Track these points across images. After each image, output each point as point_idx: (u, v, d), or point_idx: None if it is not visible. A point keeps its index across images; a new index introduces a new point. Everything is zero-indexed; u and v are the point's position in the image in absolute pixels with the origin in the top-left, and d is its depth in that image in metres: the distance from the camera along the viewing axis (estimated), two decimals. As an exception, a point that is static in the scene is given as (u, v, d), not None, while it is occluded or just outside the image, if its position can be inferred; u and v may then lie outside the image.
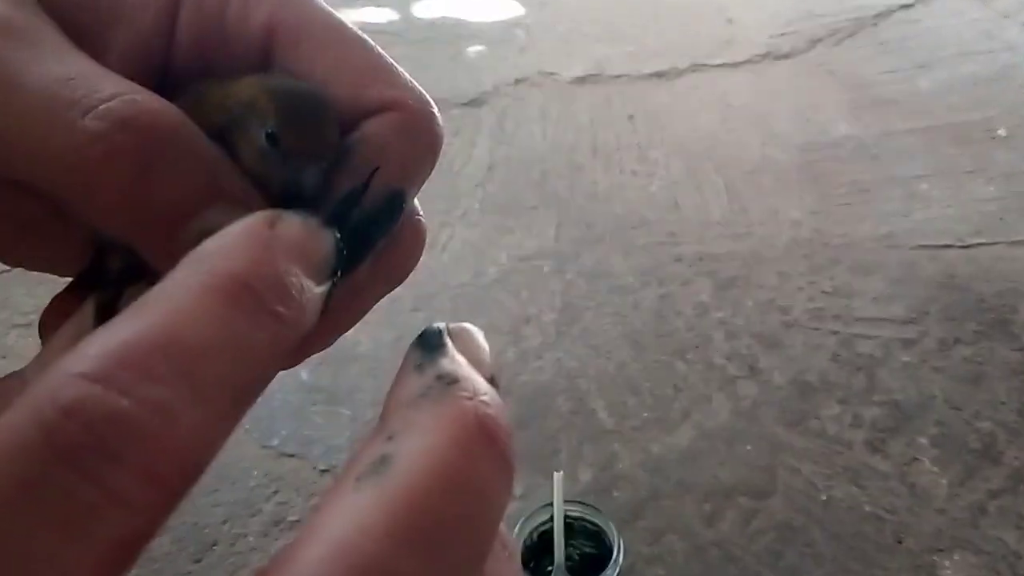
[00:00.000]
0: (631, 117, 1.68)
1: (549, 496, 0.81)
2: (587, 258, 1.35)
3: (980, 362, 1.13)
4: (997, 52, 1.80)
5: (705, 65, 1.84)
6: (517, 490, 1.01)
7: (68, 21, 0.20)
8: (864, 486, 0.99)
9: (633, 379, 1.14)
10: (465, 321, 0.19)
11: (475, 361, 0.17)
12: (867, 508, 0.97)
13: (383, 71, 0.22)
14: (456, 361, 0.17)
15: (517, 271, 1.33)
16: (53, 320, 0.22)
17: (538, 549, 0.83)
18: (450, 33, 2.04)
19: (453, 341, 0.18)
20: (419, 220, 0.23)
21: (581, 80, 1.82)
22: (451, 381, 0.16)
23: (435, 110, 0.22)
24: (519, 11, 2.13)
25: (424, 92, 0.22)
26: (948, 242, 1.33)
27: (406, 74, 0.22)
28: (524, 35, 2.01)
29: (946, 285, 1.25)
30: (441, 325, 0.18)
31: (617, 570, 0.79)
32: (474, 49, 1.97)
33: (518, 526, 0.82)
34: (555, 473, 0.80)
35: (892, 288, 1.25)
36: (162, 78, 0.22)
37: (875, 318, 1.21)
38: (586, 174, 1.54)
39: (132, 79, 0.19)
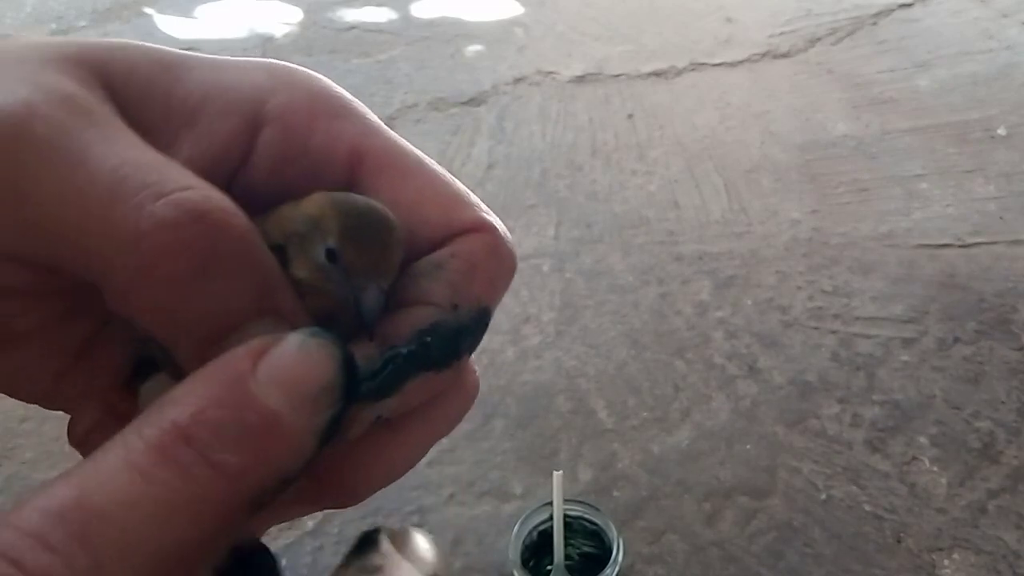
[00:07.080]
0: (630, 116, 1.68)
1: (549, 495, 0.81)
2: (586, 257, 1.35)
3: (980, 362, 1.13)
4: (996, 51, 1.80)
5: (704, 64, 1.84)
6: (517, 489, 1.01)
7: (134, 117, 0.19)
8: (864, 486, 0.99)
9: (633, 378, 1.14)
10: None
11: (417, 559, 0.16)
12: (867, 508, 0.97)
13: (468, 197, 0.22)
14: (387, 555, 0.16)
15: (516, 270, 1.32)
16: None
17: (538, 548, 0.83)
18: (449, 32, 2.04)
19: (394, 542, 0.16)
20: (474, 374, 0.23)
21: (580, 79, 1.82)
22: (374, 570, 0.15)
23: (511, 237, 0.23)
24: (518, 10, 2.12)
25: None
26: (947, 241, 1.33)
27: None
28: (523, 34, 2.01)
29: (946, 284, 1.25)
30: (380, 530, 0.16)
31: (616, 569, 0.79)
32: (473, 48, 1.97)
33: (518, 525, 0.82)
34: (555, 472, 0.80)
35: (892, 287, 1.25)
36: (226, 190, 0.21)
37: (875, 317, 1.21)
38: (585, 173, 1.54)
39: None
